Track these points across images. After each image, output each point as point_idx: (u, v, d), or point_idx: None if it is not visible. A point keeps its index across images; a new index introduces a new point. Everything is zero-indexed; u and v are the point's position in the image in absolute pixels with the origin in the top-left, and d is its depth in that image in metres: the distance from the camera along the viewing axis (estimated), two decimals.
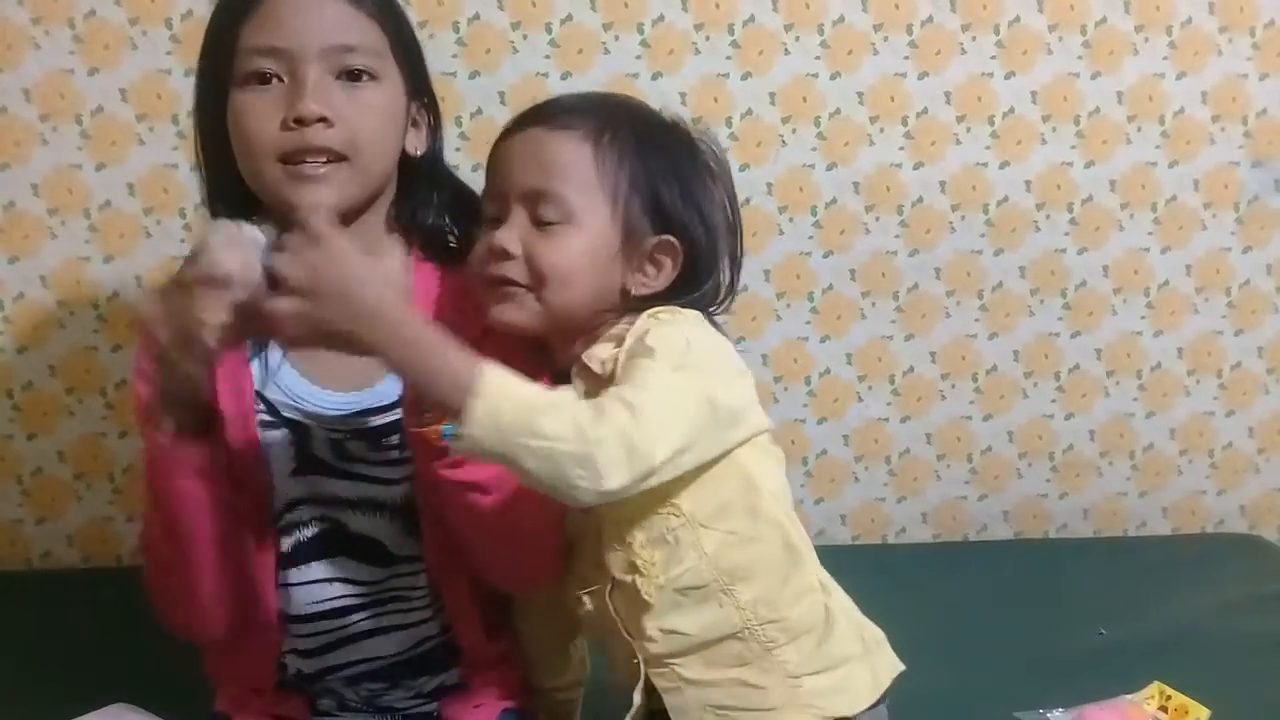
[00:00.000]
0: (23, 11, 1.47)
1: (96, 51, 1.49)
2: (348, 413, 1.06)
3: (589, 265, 1.00)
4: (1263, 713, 1.28)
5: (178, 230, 1.55)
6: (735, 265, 1.07)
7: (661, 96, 1.58)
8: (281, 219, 1.02)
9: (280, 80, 1.00)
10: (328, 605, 1.08)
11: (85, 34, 1.48)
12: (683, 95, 1.59)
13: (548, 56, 1.56)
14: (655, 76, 1.58)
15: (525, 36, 1.55)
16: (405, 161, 1.10)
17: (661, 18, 1.57)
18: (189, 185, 1.53)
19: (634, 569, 0.97)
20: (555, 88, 1.56)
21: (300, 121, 0.99)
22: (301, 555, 1.08)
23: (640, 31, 1.57)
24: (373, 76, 1.03)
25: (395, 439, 1.06)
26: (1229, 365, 1.80)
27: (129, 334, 1.57)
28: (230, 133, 1.03)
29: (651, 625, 0.98)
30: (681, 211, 1.02)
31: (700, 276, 1.04)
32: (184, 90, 1.50)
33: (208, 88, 1.06)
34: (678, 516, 0.97)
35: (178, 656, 1.22)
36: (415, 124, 1.11)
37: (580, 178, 0.99)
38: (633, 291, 1.02)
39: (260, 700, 1.12)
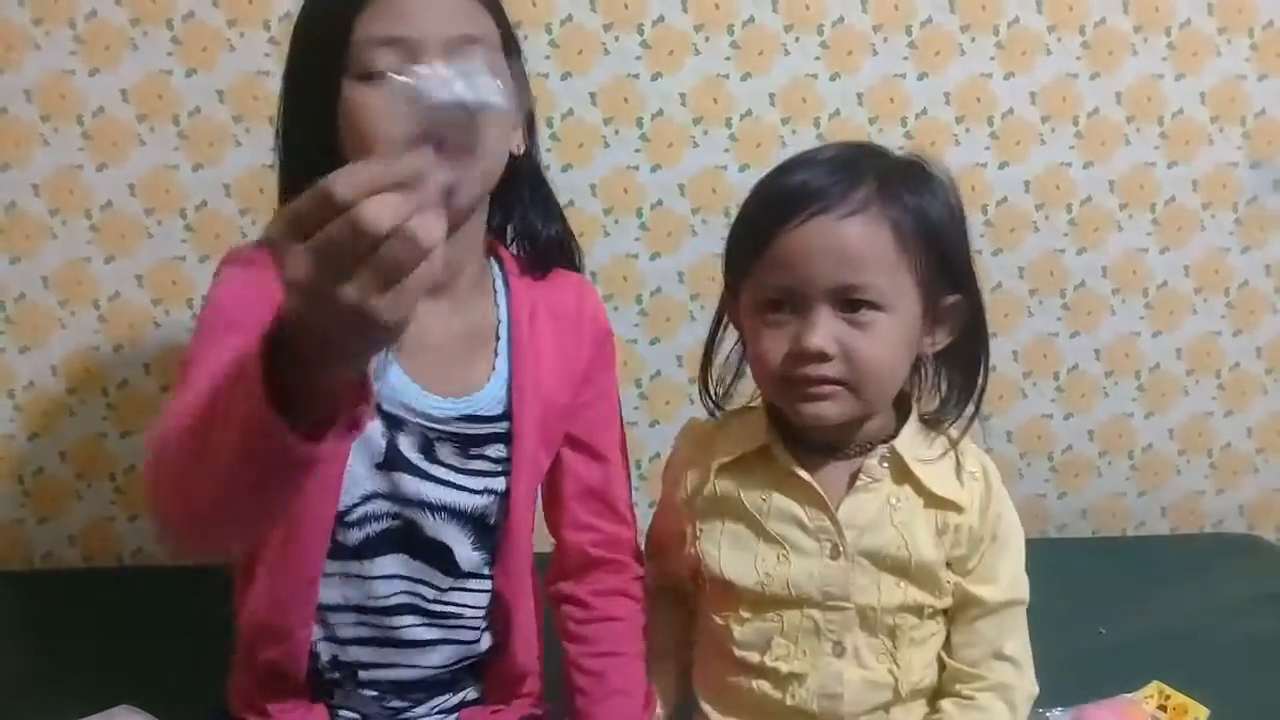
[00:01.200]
0: (24, 12, 1.47)
1: (97, 52, 1.49)
2: (455, 415, 1.05)
3: (905, 349, 0.98)
4: (1262, 713, 1.28)
5: (179, 230, 1.55)
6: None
7: (662, 97, 1.59)
8: None
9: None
10: (384, 603, 1.06)
11: (86, 35, 1.48)
12: (683, 95, 1.60)
13: (548, 57, 1.56)
14: (655, 77, 1.59)
15: (525, 37, 1.53)
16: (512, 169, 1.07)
17: (661, 18, 1.57)
18: (190, 185, 1.54)
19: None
20: (555, 88, 1.57)
21: None
22: (369, 549, 1.05)
23: (640, 32, 1.57)
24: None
25: (486, 449, 1.06)
26: (1228, 365, 1.80)
27: (130, 334, 1.57)
28: (341, 126, 0.97)
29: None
30: (964, 265, 1.00)
31: (980, 329, 1.02)
32: (185, 91, 1.52)
33: (311, 78, 1.00)
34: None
35: (178, 657, 1.23)
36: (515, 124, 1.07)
37: (886, 262, 0.94)
38: (922, 353, 1.01)
39: (279, 703, 1.09)
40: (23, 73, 1.48)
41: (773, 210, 0.96)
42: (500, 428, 1.06)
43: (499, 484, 1.07)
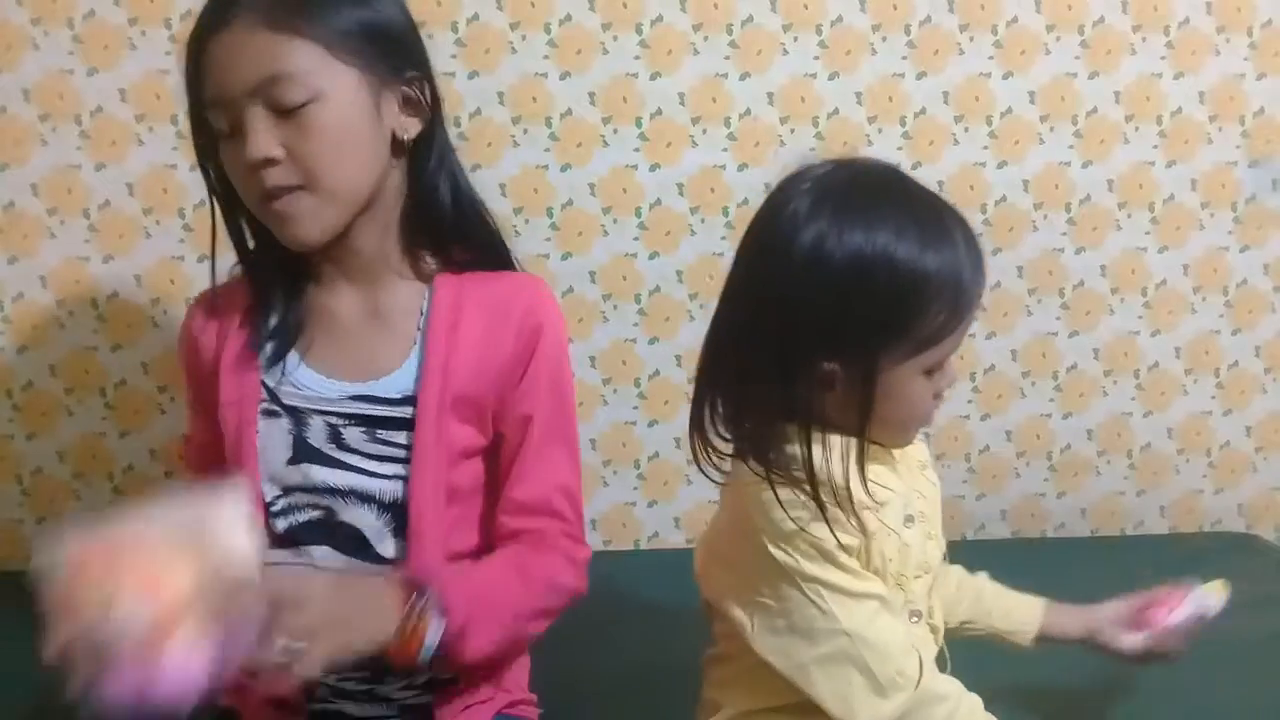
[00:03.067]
0: (22, 12, 1.47)
1: (96, 52, 1.49)
2: (350, 395, 1.07)
3: None
4: (1262, 713, 1.28)
5: (177, 230, 1.55)
6: None
7: (660, 96, 1.59)
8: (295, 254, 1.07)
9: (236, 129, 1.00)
10: None
11: (84, 34, 1.49)
12: (681, 95, 1.60)
13: (546, 57, 1.56)
14: (654, 77, 1.59)
15: (524, 37, 1.55)
16: (413, 148, 1.07)
17: (660, 18, 1.57)
18: (188, 185, 1.54)
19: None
20: (554, 88, 1.57)
21: (253, 168, 0.99)
22: (293, 539, 1.08)
23: (639, 32, 1.57)
24: (314, 97, 0.98)
25: (394, 435, 1.07)
26: (1226, 365, 1.80)
27: (128, 334, 1.57)
28: None
29: None
30: None
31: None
32: (183, 91, 1.51)
33: (206, 140, 1.06)
34: None
35: None
36: (408, 102, 1.05)
37: None
38: None
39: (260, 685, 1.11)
40: (21, 72, 1.49)
41: (951, 303, 0.98)
42: (404, 413, 1.06)
43: (407, 470, 1.07)
